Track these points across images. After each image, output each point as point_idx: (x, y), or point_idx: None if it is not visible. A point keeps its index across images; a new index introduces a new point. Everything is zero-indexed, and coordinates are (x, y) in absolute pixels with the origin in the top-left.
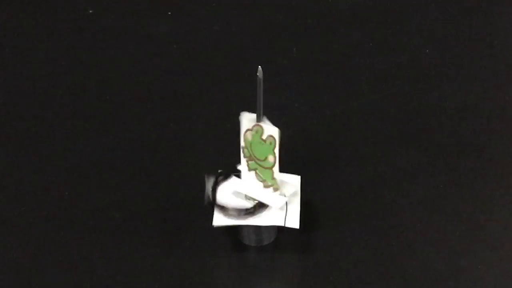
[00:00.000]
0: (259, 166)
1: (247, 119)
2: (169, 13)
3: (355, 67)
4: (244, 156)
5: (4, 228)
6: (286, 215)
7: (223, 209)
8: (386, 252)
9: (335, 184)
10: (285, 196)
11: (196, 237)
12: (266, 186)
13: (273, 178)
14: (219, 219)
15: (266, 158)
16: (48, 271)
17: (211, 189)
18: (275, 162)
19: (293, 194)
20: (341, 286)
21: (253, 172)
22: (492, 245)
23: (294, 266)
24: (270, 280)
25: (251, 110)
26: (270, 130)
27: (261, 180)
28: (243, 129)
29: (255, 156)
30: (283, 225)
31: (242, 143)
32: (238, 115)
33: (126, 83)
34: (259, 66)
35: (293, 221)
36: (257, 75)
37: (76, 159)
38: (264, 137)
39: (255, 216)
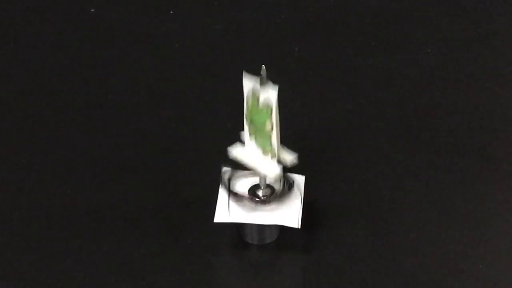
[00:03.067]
0: (258, 132)
1: (248, 82)
2: (171, 12)
3: (356, 66)
4: (246, 121)
5: (4, 227)
6: (287, 214)
7: (238, 197)
8: (387, 252)
9: (336, 184)
10: (284, 165)
11: (198, 235)
12: (265, 153)
13: (270, 145)
14: (220, 216)
15: (264, 124)
16: (49, 269)
17: (227, 179)
18: (272, 128)
19: (296, 194)
20: (342, 285)
21: (253, 139)
22: (493, 245)
23: (297, 265)
24: (272, 278)
25: None
26: (267, 93)
27: (260, 146)
28: (245, 92)
29: (254, 122)
30: (283, 224)
31: (245, 108)
32: (240, 114)
33: (127, 82)
34: (263, 65)
35: (295, 221)
36: (260, 74)
37: (77, 158)
38: (261, 102)
39: (268, 208)
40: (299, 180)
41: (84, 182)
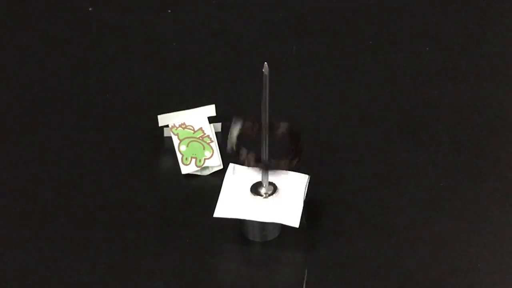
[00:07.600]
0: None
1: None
2: (169, 10)
3: (355, 65)
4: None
5: (4, 227)
6: (287, 213)
7: (243, 156)
8: (386, 252)
9: (336, 183)
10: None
11: (200, 232)
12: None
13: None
14: (220, 211)
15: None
16: (49, 268)
17: (235, 137)
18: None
19: (297, 193)
20: (342, 283)
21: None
22: (492, 244)
23: (298, 262)
24: (273, 275)
25: (251, 107)
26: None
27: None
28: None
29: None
30: (283, 223)
31: None
32: (239, 113)
33: (125, 80)
34: (265, 62)
35: (295, 220)
36: (263, 71)
37: (76, 157)
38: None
39: (269, 205)
40: (303, 179)
41: (84, 182)
